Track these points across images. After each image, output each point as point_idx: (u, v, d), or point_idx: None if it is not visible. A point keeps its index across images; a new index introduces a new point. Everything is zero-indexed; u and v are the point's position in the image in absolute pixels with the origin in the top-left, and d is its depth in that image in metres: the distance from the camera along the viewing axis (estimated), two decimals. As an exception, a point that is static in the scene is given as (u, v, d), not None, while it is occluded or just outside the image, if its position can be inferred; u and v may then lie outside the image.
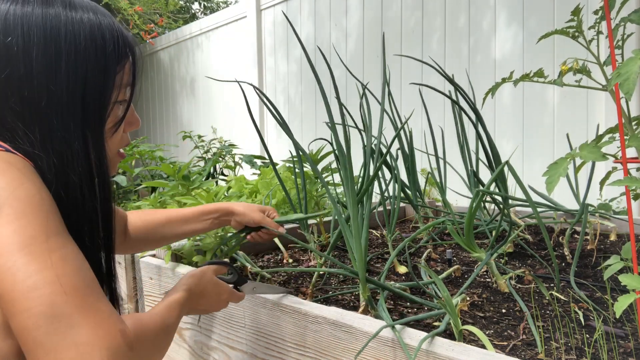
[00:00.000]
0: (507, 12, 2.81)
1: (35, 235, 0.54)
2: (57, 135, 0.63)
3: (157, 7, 5.92)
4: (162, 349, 0.68)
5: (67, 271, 0.54)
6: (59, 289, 0.52)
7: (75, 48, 0.64)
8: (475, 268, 1.11)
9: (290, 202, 1.33)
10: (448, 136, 1.79)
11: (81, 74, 0.64)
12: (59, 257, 0.55)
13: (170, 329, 0.71)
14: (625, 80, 0.57)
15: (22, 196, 0.56)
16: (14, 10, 0.62)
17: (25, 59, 0.61)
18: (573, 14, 0.93)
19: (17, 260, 0.52)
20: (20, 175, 0.57)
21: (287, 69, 4.19)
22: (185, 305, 0.78)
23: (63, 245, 0.56)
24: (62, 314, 0.51)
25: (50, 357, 0.50)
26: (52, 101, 0.63)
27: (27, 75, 0.62)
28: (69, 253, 0.57)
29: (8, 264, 0.52)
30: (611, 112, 2.40)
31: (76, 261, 0.57)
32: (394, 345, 0.70)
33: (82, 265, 0.57)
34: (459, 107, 1.47)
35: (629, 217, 0.65)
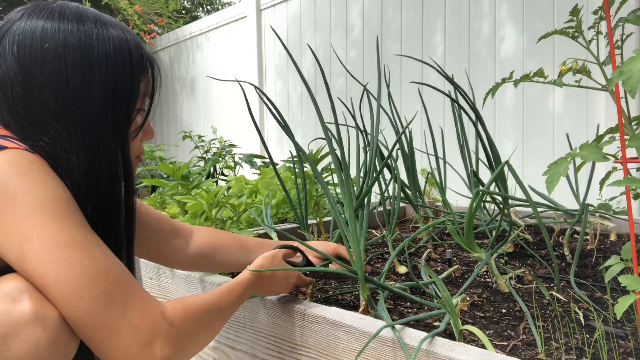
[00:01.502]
0: (507, 12, 2.81)
1: (76, 233, 0.60)
2: (89, 135, 0.68)
3: (157, 7, 5.92)
4: (210, 327, 0.72)
5: (111, 263, 0.61)
6: (111, 279, 0.60)
7: (107, 57, 0.69)
8: (475, 268, 1.11)
9: (290, 202, 1.33)
10: (448, 136, 1.79)
11: (112, 81, 0.70)
12: (101, 251, 0.61)
13: (224, 309, 0.75)
14: (628, 78, 0.57)
15: (50, 196, 0.60)
16: (51, 23, 0.68)
17: (62, 63, 0.66)
18: (572, 14, 0.93)
19: (70, 256, 0.58)
20: (43, 174, 0.61)
21: (287, 67, 4.19)
22: (252, 285, 0.82)
23: (95, 238, 0.62)
24: (117, 302, 0.59)
25: (115, 339, 0.59)
26: (87, 104, 0.68)
27: (65, 81, 0.66)
28: (101, 244, 0.63)
29: (62, 260, 0.57)
30: (611, 112, 2.40)
31: (111, 253, 0.63)
32: (394, 345, 0.70)
33: (114, 256, 0.64)
34: (459, 107, 1.47)
35: (629, 217, 0.65)
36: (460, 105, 1.46)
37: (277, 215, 1.74)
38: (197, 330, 0.68)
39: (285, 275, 0.90)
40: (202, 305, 0.71)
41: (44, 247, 0.57)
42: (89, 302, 0.58)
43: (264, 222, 1.42)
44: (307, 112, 4.02)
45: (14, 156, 0.60)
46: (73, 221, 0.60)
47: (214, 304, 0.73)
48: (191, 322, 0.67)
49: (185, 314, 0.66)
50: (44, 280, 0.57)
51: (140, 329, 0.60)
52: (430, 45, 3.16)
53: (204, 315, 0.70)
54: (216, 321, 0.74)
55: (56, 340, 0.57)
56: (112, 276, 0.60)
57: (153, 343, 0.61)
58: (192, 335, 0.67)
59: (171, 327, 0.63)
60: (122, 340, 0.59)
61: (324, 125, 0.93)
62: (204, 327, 0.70)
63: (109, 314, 0.58)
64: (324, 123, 0.93)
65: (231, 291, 0.78)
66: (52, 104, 0.66)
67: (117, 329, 0.59)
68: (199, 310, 0.69)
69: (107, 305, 0.58)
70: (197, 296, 0.72)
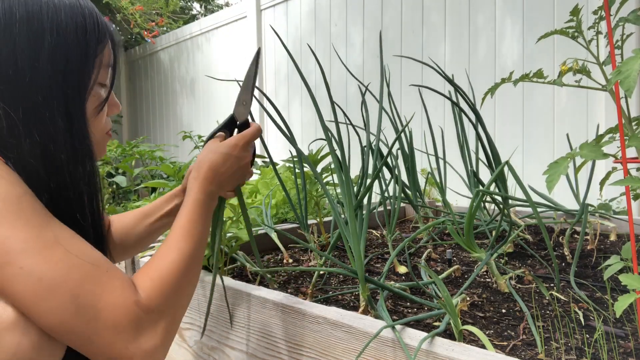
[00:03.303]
0: (507, 12, 2.81)
1: (28, 236, 0.54)
2: (41, 113, 0.62)
3: (158, 7, 5.92)
4: (188, 282, 0.67)
5: (74, 261, 0.56)
6: (74, 281, 0.54)
7: (57, 25, 0.63)
8: (475, 268, 1.11)
9: (290, 202, 1.33)
10: (448, 136, 1.79)
11: (63, 51, 0.63)
12: (61, 250, 0.55)
13: (193, 253, 0.68)
14: (625, 78, 0.57)
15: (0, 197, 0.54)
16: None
17: (7, 36, 0.60)
18: (572, 14, 0.93)
19: (23, 264, 0.53)
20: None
21: (287, 68, 4.19)
22: (206, 199, 0.74)
23: (58, 235, 0.57)
24: (85, 305, 0.54)
25: (95, 343, 0.55)
26: (36, 79, 0.61)
27: (10, 53, 0.60)
28: (67, 240, 0.57)
29: (15, 273, 0.52)
30: (611, 112, 2.40)
31: (77, 245, 0.57)
32: (394, 345, 0.70)
33: (84, 248, 0.58)
34: (459, 108, 1.47)
35: (629, 217, 0.65)
36: (461, 108, 1.46)
37: (277, 216, 1.74)
38: (176, 298, 0.64)
39: (238, 164, 0.79)
40: (169, 269, 0.64)
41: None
42: (57, 312, 0.53)
43: (264, 222, 1.42)
44: (307, 112, 4.02)
45: None
46: (25, 222, 0.54)
47: (179, 258, 0.66)
48: (167, 295, 0.62)
49: (159, 291, 0.61)
50: (7, 294, 0.54)
51: (119, 328, 0.56)
52: (431, 45, 3.16)
53: (177, 279, 0.64)
54: (191, 272, 0.68)
55: (39, 345, 0.55)
56: (77, 277, 0.55)
57: (138, 336, 0.57)
58: (173, 305, 0.63)
59: (150, 314, 0.59)
60: (103, 342, 0.55)
61: (324, 125, 0.93)
62: (181, 290, 0.65)
63: (80, 320, 0.54)
64: (324, 123, 0.93)
65: (189, 227, 0.70)
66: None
67: (94, 333, 0.55)
68: (168, 276, 0.64)
69: (76, 311, 0.54)
70: (159, 259, 0.65)
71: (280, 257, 1.37)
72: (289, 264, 1.31)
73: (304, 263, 1.31)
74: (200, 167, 0.76)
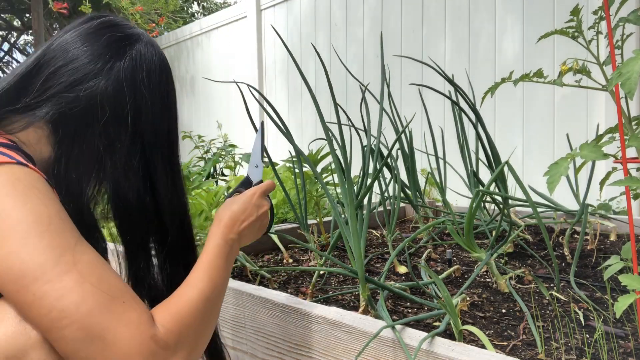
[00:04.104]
0: (507, 12, 2.81)
1: (45, 261, 0.54)
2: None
3: (158, 7, 5.92)
4: (207, 324, 0.67)
5: (88, 289, 0.54)
6: (85, 311, 0.53)
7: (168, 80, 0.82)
8: (475, 268, 1.11)
9: (290, 202, 1.33)
10: (448, 136, 1.79)
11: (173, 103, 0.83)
12: (76, 277, 0.54)
13: (214, 297, 0.69)
14: (627, 80, 0.57)
15: (24, 218, 0.55)
16: (154, 51, 0.77)
17: (161, 93, 0.77)
18: (572, 14, 0.93)
19: (36, 291, 0.53)
20: (26, 193, 0.56)
21: (287, 68, 4.19)
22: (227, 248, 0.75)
23: (78, 260, 0.56)
24: (96, 336, 0.53)
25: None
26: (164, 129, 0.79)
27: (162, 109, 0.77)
28: (86, 266, 0.56)
29: (29, 297, 0.52)
30: (611, 112, 2.40)
31: (96, 272, 0.56)
32: (394, 346, 0.70)
33: (104, 275, 0.57)
34: (459, 107, 1.47)
35: (629, 217, 0.65)
36: (461, 107, 1.46)
37: (277, 216, 1.74)
38: (193, 336, 0.64)
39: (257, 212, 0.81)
40: (189, 306, 0.64)
41: (11, 287, 0.53)
42: (68, 341, 0.53)
43: (264, 222, 1.42)
44: (307, 112, 4.02)
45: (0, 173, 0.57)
46: (47, 244, 0.55)
47: (199, 297, 0.66)
48: (185, 332, 0.61)
49: (178, 327, 0.61)
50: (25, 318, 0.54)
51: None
52: (431, 45, 3.16)
53: (195, 317, 0.64)
54: (209, 312, 0.68)
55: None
56: (89, 306, 0.54)
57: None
58: (190, 343, 0.63)
59: (167, 350, 0.58)
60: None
61: (325, 124, 0.93)
62: (199, 328, 0.65)
63: (92, 351, 0.53)
64: (325, 123, 0.93)
65: (210, 269, 0.71)
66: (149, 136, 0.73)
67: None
68: (187, 314, 0.63)
69: (87, 341, 0.53)
70: (179, 296, 0.66)
71: (280, 257, 1.37)
72: (289, 264, 1.31)
73: (304, 263, 1.31)
74: (221, 217, 0.79)
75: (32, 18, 7.01)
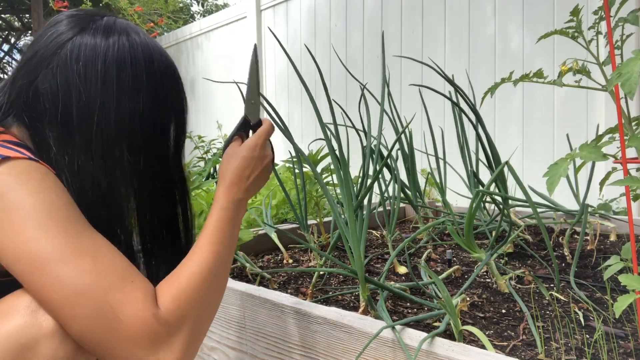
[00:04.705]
0: (507, 12, 2.81)
1: (63, 245, 0.57)
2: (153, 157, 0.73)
3: (157, 7, 5.93)
4: (212, 298, 0.66)
5: (101, 271, 0.57)
6: (99, 291, 0.56)
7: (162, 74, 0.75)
8: (475, 268, 1.11)
9: (290, 202, 1.33)
10: (448, 136, 1.79)
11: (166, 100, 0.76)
12: (90, 259, 0.57)
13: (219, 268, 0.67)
14: (626, 80, 0.57)
15: (39, 206, 0.58)
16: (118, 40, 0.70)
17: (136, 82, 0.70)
18: (572, 14, 0.93)
19: (55, 273, 0.55)
20: (39, 184, 0.59)
21: (287, 68, 4.19)
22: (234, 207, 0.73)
23: (90, 244, 0.59)
24: (107, 316, 0.56)
25: (114, 356, 0.57)
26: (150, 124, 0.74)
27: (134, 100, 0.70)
28: (98, 250, 0.59)
29: (47, 278, 0.55)
30: (611, 112, 2.40)
31: (107, 256, 0.59)
32: (393, 346, 0.70)
33: (114, 258, 0.60)
34: (459, 108, 1.47)
35: (629, 217, 0.65)
36: (461, 108, 1.46)
37: (277, 216, 1.74)
38: (197, 311, 0.63)
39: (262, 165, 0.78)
40: (190, 281, 0.63)
41: (28, 269, 0.56)
42: (80, 319, 0.55)
43: (264, 222, 1.42)
44: (307, 112, 4.02)
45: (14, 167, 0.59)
46: (64, 230, 0.58)
47: (202, 269, 0.65)
48: (186, 308, 0.61)
49: (177, 304, 0.61)
50: (40, 301, 0.56)
51: (136, 340, 0.57)
52: (431, 45, 3.16)
53: (198, 291, 0.63)
54: (215, 283, 0.66)
55: (75, 354, 0.57)
56: (102, 287, 0.56)
57: (156, 350, 0.58)
58: (194, 318, 0.62)
59: (168, 327, 0.59)
60: (123, 353, 0.57)
61: (323, 125, 0.93)
62: (203, 302, 0.64)
63: (103, 330, 0.56)
64: (323, 123, 0.93)
65: (215, 236, 0.69)
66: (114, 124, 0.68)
67: (115, 344, 0.56)
68: (189, 289, 0.63)
69: (99, 320, 0.56)
70: (181, 269, 0.65)
71: (280, 258, 1.37)
72: (289, 264, 1.31)
73: (304, 263, 1.31)
74: (224, 176, 0.75)
75: (32, 18, 7.02)
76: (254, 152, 0.77)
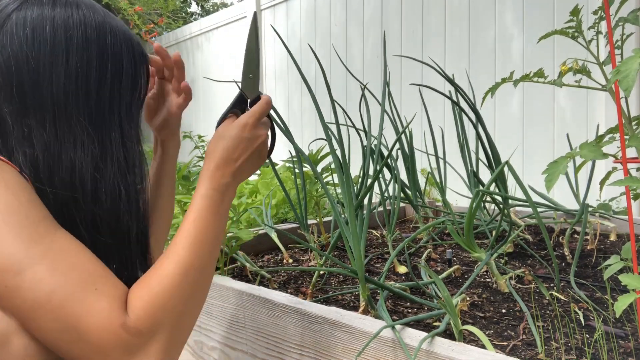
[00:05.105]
0: (507, 12, 2.81)
1: (13, 253, 0.52)
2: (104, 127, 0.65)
3: (157, 7, 5.93)
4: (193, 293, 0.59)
5: (58, 280, 0.52)
6: (56, 302, 0.52)
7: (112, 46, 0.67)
8: (475, 268, 1.11)
9: (290, 202, 1.33)
10: (448, 136, 1.79)
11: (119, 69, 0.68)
12: (46, 268, 0.52)
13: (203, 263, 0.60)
14: (624, 78, 0.57)
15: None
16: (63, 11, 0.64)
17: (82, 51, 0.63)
18: (572, 14, 0.93)
19: (7, 284, 0.51)
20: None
21: (287, 68, 4.19)
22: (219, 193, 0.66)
23: (48, 249, 0.54)
24: (68, 328, 0.52)
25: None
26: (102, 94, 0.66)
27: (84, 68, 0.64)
28: (58, 255, 0.54)
29: (1, 289, 0.51)
30: (611, 112, 2.40)
31: (69, 260, 0.54)
32: (394, 345, 0.70)
33: (76, 261, 0.55)
34: (459, 108, 1.47)
35: (629, 217, 0.65)
36: (461, 107, 1.46)
37: (277, 216, 1.74)
38: (172, 317, 0.57)
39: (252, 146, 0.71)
40: (164, 284, 0.57)
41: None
42: (44, 332, 0.52)
43: (264, 222, 1.42)
44: (307, 112, 4.02)
45: None
46: (15, 236, 0.52)
47: (177, 269, 0.58)
48: (159, 315, 0.56)
49: (149, 311, 0.55)
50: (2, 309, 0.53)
51: (106, 352, 0.52)
52: (431, 45, 3.16)
53: (172, 295, 0.57)
54: (193, 285, 0.59)
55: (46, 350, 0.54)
56: (59, 297, 0.52)
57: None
58: (170, 325, 0.57)
59: (140, 337, 0.54)
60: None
61: (325, 124, 0.93)
62: (180, 306, 0.58)
63: (67, 342, 0.52)
64: (325, 122, 0.93)
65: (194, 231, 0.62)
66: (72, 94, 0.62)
67: (83, 356, 0.52)
68: (162, 293, 0.56)
69: (61, 332, 0.52)
70: (155, 270, 0.59)
71: (280, 257, 1.37)
72: (289, 264, 1.31)
73: (304, 263, 1.31)
74: (210, 157, 0.69)
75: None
76: (244, 131, 0.70)
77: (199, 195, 0.65)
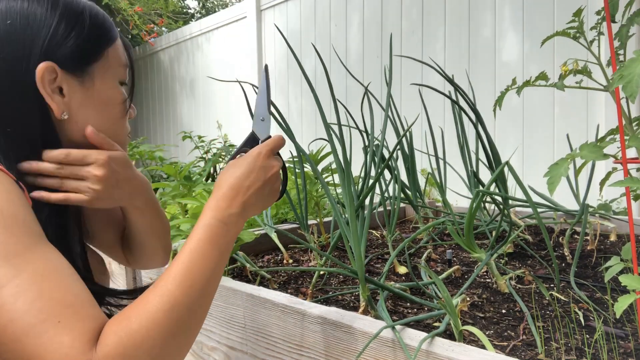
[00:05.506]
0: (507, 12, 2.81)
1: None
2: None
3: (157, 8, 5.93)
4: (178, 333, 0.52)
5: (18, 310, 0.48)
6: (13, 334, 0.48)
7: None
8: (475, 268, 1.11)
9: (290, 202, 1.33)
10: (448, 136, 1.79)
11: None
12: (11, 291, 0.48)
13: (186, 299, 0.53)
14: (628, 83, 0.56)
15: None
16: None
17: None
18: (574, 15, 0.93)
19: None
20: None
21: (287, 68, 4.19)
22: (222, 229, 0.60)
23: (15, 275, 0.49)
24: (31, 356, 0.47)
25: None
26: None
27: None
28: (26, 278, 0.49)
29: None
30: (611, 112, 2.40)
31: (35, 285, 0.49)
32: (394, 346, 0.70)
33: (44, 288, 0.50)
34: (459, 108, 1.47)
35: (629, 217, 0.65)
36: (461, 106, 1.46)
37: (277, 216, 1.74)
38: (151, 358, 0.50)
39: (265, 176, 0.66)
40: (147, 323, 0.50)
41: None
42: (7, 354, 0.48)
43: (264, 222, 1.42)
44: (307, 112, 4.02)
45: None
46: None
47: (165, 309, 0.51)
48: (136, 356, 0.49)
49: (122, 352, 0.48)
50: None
51: None
52: (431, 45, 3.16)
53: (154, 336, 0.50)
54: (182, 326, 0.53)
55: None
56: (17, 328, 0.47)
57: None
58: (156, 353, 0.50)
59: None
60: None
61: (326, 124, 0.93)
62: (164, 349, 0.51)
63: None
64: (327, 122, 0.93)
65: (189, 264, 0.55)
66: None
67: None
68: (144, 334, 0.50)
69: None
70: (139, 306, 0.52)
71: (280, 257, 1.37)
72: (289, 264, 1.31)
73: (304, 263, 1.31)
74: (218, 186, 0.63)
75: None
76: (257, 160, 0.66)
77: (201, 225, 0.60)
